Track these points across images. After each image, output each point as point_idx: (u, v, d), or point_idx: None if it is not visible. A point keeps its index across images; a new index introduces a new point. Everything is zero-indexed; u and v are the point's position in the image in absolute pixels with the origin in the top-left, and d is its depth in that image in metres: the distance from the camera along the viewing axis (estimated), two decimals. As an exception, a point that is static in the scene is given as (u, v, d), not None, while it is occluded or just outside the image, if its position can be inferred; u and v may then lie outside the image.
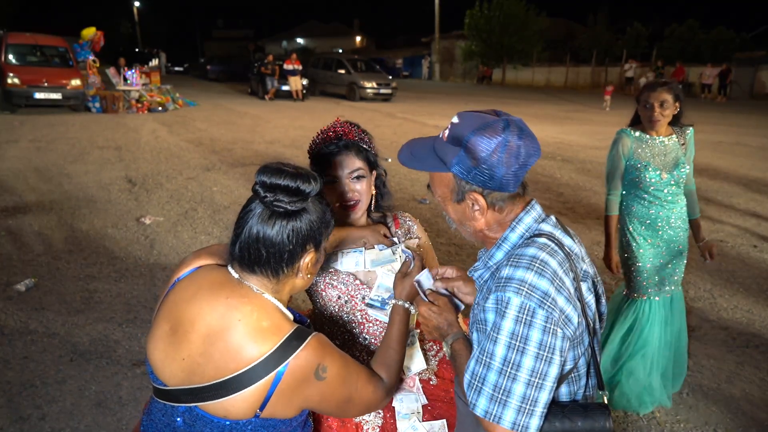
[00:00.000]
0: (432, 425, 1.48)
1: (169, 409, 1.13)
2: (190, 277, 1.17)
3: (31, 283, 3.98)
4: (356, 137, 1.57)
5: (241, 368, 1.04)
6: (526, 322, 1.03)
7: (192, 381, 1.08)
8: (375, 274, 1.58)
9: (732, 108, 18.64)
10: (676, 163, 2.55)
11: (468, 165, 1.09)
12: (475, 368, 1.08)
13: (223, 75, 28.85)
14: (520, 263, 1.07)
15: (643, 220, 2.61)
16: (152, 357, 1.13)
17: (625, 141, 2.59)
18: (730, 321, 3.73)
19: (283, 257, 1.12)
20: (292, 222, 1.10)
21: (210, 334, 1.07)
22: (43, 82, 12.73)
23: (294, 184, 1.08)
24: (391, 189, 1.79)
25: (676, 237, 2.62)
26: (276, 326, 1.08)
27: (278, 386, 1.05)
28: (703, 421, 2.70)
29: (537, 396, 1.03)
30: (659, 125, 2.53)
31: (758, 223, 5.89)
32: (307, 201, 1.12)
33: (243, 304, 1.09)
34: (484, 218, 1.17)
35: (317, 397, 1.12)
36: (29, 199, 6.12)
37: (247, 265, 1.13)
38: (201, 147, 9.47)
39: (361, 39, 55.48)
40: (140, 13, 47.50)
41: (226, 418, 1.07)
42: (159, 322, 1.14)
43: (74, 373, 2.95)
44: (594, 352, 1.19)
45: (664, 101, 2.48)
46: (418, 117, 14.42)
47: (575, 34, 35.83)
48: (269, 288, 1.14)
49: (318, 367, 1.09)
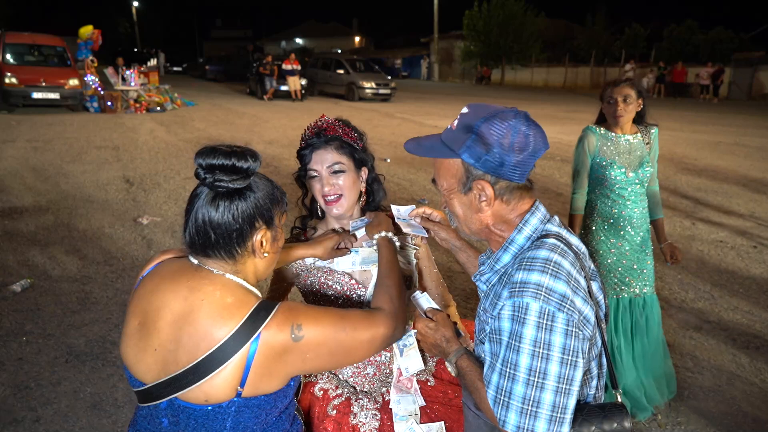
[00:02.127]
0: (430, 427, 1.46)
1: (153, 411, 1.11)
2: (154, 271, 1.18)
3: (27, 284, 3.95)
4: (339, 132, 1.56)
5: (212, 347, 1.03)
6: (547, 328, 1.00)
7: (168, 371, 1.07)
8: (370, 274, 1.57)
9: (730, 108, 18.66)
10: (641, 162, 2.56)
11: (479, 151, 1.09)
12: (499, 382, 1.04)
13: (222, 75, 28.79)
14: (534, 267, 1.05)
15: (606, 218, 2.61)
16: (126, 356, 1.12)
17: (591, 138, 2.58)
18: (730, 322, 3.71)
19: (232, 237, 1.11)
20: (236, 201, 1.10)
21: (177, 320, 1.07)
22: (41, 82, 12.71)
23: (229, 161, 1.08)
24: (389, 190, 1.76)
25: (638, 236, 2.61)
26: (240, 300, 1.08)
27: (255, 358, 1.04)
28: (703, 423, 2.68)
29: (566, 402, 1.01)
30: (623, 120, 2.53)
31: (758, 223, 5.88)
32: (249, 179, 1.11)
33: (204, 285, 1.09)
34: (490, 210, 1.14)
35: (299, 360, 1.09)
36: (26, 199, 6.09)
37: (201, 250, 1.12)
38: (199, 147, 9.39)
39: (360, 39, 55.50)
40: (139, 13, 47.46)
41: (207, 403, 1.05)
42: (128, 319, 1.14)
43: (69, 375, 2.93)
44: (606, 351, 1.17)
45: (627, 96, 2.49)
46: (416, 117, 14.40)
47: (574, 35, 35.83)
48: (229, 270, 1.13)
49: (292, 327, 1.07)
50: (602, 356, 1.18)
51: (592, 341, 1.10)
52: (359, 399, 1.50)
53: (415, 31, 45.78)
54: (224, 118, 13.37)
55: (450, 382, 1.57)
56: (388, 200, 1.68)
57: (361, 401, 1.50)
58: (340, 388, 1.54)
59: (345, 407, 1.48)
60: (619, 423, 1.07)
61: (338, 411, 1.47)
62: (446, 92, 25.06)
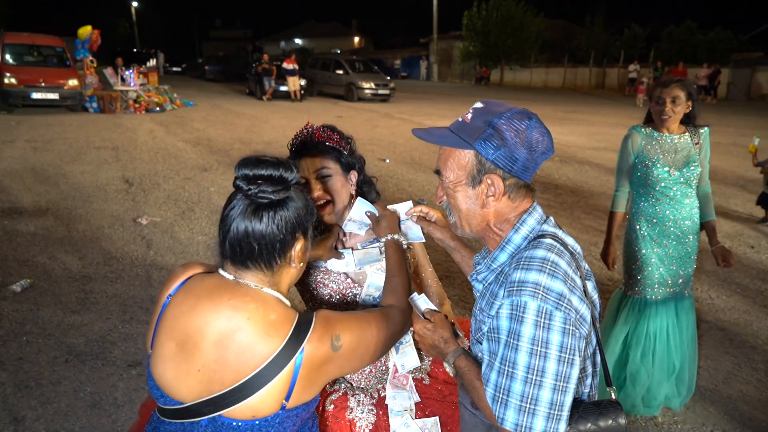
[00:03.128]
0: (425, 422, 1.49)
1: (187, 426, 1.11)
2: (184, 289, 1.15)
3: (27, 284, 3.96)
4: (324, 137, 1.59)
5: (260, 364, 1.05)
6: (545, 326, 1.02)
7: (211, 390, 1.07)
8: (365, 273, 1.60)
9: (729, 109, 18.68)
10: (687, 162, 2.51)
11: (495, 144, 1.11)
12: (498, 380, 1.05)
13: (221, 75, 28.78)
14: (531, 266, 1.06)
15: (650, 218, 2.57)
16: (163, 378, 1.11)
17: (635, 137, 2.57)
18: (727, 322, 3.73)
19: (275, 248, 1.12)
20: (279, 212, 1.11)
21: (221, 340, 1.06)
22: (40, 82, 12.70)
23: (277, 172, 1.09)
24: (388, 190, 1.78)
25: (684, 238, 2.56)
26: (282, 316, 1.10)
27: (300, 371, 1.07)
28: (700, 422, 2.70)
29: (563, 400, 1.02)
30: (670, 121, 2.50)
31: (755, 224, 5.90)
32: (290, 189, 1.13)
33: (247, 302, 1.09)
34: (496, 205, 1.16)
35: (337, 368, 1.14)
36: (25, 199, 6.10)
37: (240, 262, 1.12)
38: (198, 147, 9.45)
39: (360, 39, 55.50)
40: (138, 13, 47.46)
41: (254, 418, 1.07)
42: (162, 342, 1.11)
43: (69, 374, 2.94)
44: (600, 349, 1.19)
45: (676, 97, 2.46)
46: (415, 117, 14.42)
47: (573, 35, 35.85)
48: (266, 281, 1.14)
49: (332, 338, 1.11)
50: (596, 355, 1.19)
51: (588, 340, 1.12)
52: (356, 394, 1.53)
53: (414, 31, 45.81)
54: (223, 119, 13.38)
55: (445, 381, 1.60)
56: (383, 201, 1.69)
57: (358, 397, 1.53)
58: (337, 383, 1.58)
59: (342, 402, 1.51)
60: (615, 420, 1.08)
61: (335, 406, 1.50)
62: (445, 93, 25.07)
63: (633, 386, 2.64)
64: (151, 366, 1.13)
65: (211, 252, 4.93)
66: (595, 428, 1.07)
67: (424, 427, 1.48)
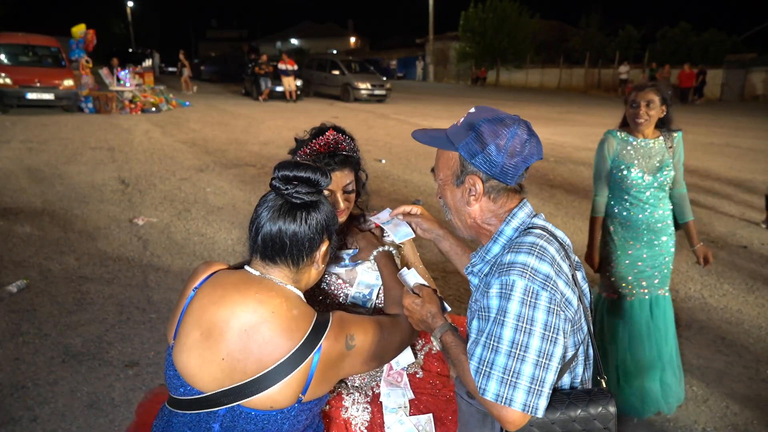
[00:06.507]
0: (419, 419, 1.51)
1: (203, 417, 1.14)
2: (210, 282, 1.20)
3: (23, 285, 3.96)
4: (347, 148, 1.54)
5: (282, 357, 1.11)
6: (531, 304, 1.07)
7: (233, 379, 1.12)
8: (356, 272, 1.62)
9: (722, 110, 18.80)
10: (661, 166, 2.55)
11: (475, 148, 1.17)
12: (482, 353, 1.10)
13: (217, 75, 28.75)
14: (521, 249, 1.12)
15: (623, 221, 2.62)
16: (186, 366, 1.14)
17: (611, 142, 2.60)
18: (719, 321, 3.77)
19: (305, 246, 1.19)
20: (312, 212, 1.18)
21: (246, 330, 1.12)
22: (36, 83, 12.64)
23: (315, 176, 1.17)
24: (384, 190, 1.80)
25: (657, 240, 2.61)
26: (304, 313, 1.16)
27: (317, 366, 1.13)
28: (692, 420, 2.73)
29: (544, 376, 1.07)
30: (644, 125, 2.53)
31: (747, 224, 5.95)
32: (322, 193, 1.22)
33: (272, 297, 1.15)
34: (477, 205, 1.22)
35: (349, 366, 1.21)
36: (21, 199, 6.09)
37: (270, 257, 1.19)
38: (194, 148, 9.45)
39: (356, 40, 55.53)
40: (134, 13, 47.34)
41: (273, 408, 1.12)
42: (187, 331, 1.16)
43: (66, 375, 2.95)
44: (592, 339, 1.23)
45: (650, 101, 2.49)
46: (412, 118, 14.45)
47: (568, 36, 35.98)
48: (290, 279, 1.21)
49: (347, 337, 1.18)
50: (589, 346, 1.24)
51: (576, 326, 1.17)
52: (350, 393, 1.55)
53: (410, 32, 45.89)
54: (219, 119, 13.37)
55: (438, 373, 1.62)
56: (381, 201, 1.71)
57: (353, 395, 1.54)
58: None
59: (337, 401, 1.53)
60: (604, 407, 1.13)
61: (331, 405, 1.52)
62: (441, 93, 25.11)
63: (628, 387, 2.66)
64: (173, 355, 1.16)
65: (207, 253, 4.94)
66: (585, 414, 1.12)
67: (418, 424, 1.50)
